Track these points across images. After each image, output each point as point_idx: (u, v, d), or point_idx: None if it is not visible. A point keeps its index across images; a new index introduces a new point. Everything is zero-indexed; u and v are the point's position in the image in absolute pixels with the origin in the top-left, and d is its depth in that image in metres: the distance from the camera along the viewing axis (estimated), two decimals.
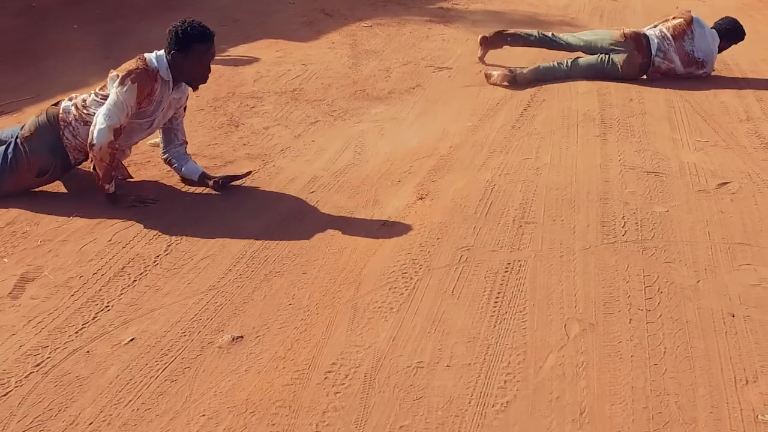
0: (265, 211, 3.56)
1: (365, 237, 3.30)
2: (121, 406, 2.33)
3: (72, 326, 2.72)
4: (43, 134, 3.58)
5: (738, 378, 2.46)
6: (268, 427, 2.22)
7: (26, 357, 2.56)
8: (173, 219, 3.45)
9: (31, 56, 6.11)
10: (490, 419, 2.25)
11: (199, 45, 3.45)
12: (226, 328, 2.69)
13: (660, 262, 3.12)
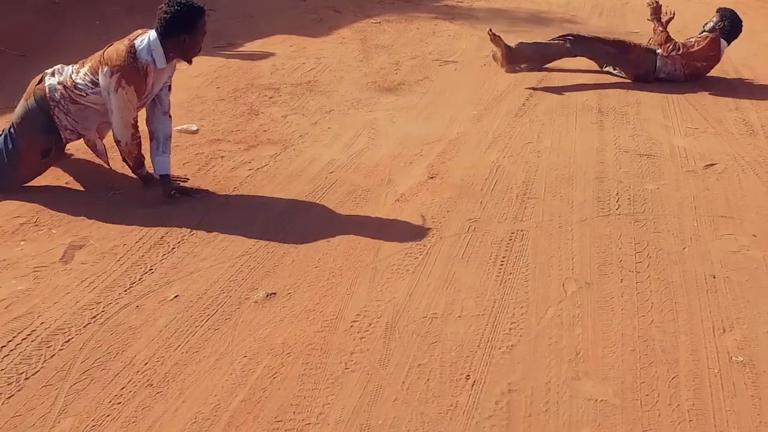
0: (289, 188, 3.88)
1: (382, 208, 3.63)
2: (171, 350, 2.66)
3: (120, 286, 3.04)
4: (35, 117, 3.64)
5: (716, 327, 2.79)
6: (302, 365, 2.55)
7: (83, 311, 2.88)
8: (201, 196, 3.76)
9: (54, 51, 6.43)
10: (497, 359, 2.58)
11: (200, 19, 3.50)
12: (259, 286, 3.02)
13: (650, 232, 3.44)
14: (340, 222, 3.52)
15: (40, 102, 3.63)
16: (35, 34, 6.88)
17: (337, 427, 2.27)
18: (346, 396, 2.40)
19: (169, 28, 3.45)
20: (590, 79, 5.64)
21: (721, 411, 2.36)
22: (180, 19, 3.43)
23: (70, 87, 3.59)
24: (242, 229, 3.47)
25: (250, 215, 3.59)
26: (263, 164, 4.20)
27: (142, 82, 3.51)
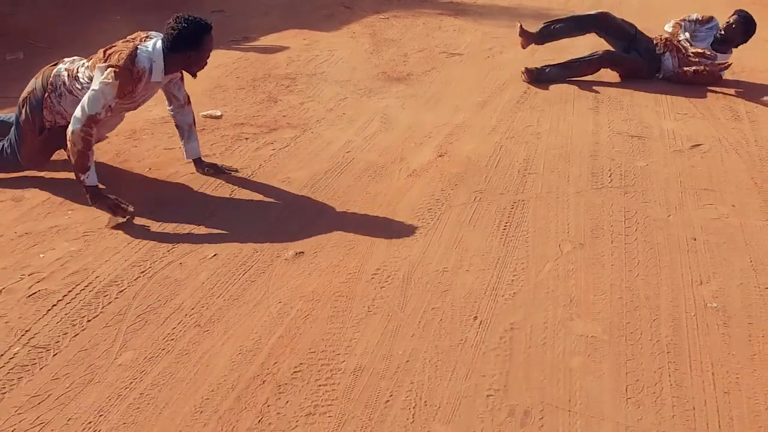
0: (310, 166, 4.26)
1: (396, 183, 4.01)
2: (214, 298, 3.04)
3: (164, 247, 3.42)
4: (38, 94, 3.71)
5: (694, 280, 3.16)
6: (331, 309, 2.93)
7: (132, 267, 3.26)
8: (231, 172, 4.14)
9: (78, 44, 6.80)
10: (501, 304, 2.96)
11: (207, 35, 3.54)
12: (289, 247, 3.40)
13: (638, 202, 3.82)
14: (358, 193, 3.90)
15: (44, 82, 3.70)
16: (61, 27, 7.26)
17: (363, 357, 2.65)
18: (370, 333, 2.78)
19: (176, 43, 3.49)
20: None
21: (695, 345, 2.74)
22: (187, 36, 3.48)
23: (72, 77, 3.63)
24: (269, 200, 3.85)
25: (275, 188, 3.97)
26: (284, 145, 4.57)
27: (129, 85, 3.49)
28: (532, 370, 2.59)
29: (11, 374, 2.59)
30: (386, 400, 2.44)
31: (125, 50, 3.49)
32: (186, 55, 3.54)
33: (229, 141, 4.62)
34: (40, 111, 3.72)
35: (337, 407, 2.41)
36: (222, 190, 3.92)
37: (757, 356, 2.68)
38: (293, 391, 2.48)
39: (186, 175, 4.09)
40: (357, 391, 2.48)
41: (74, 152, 3.49)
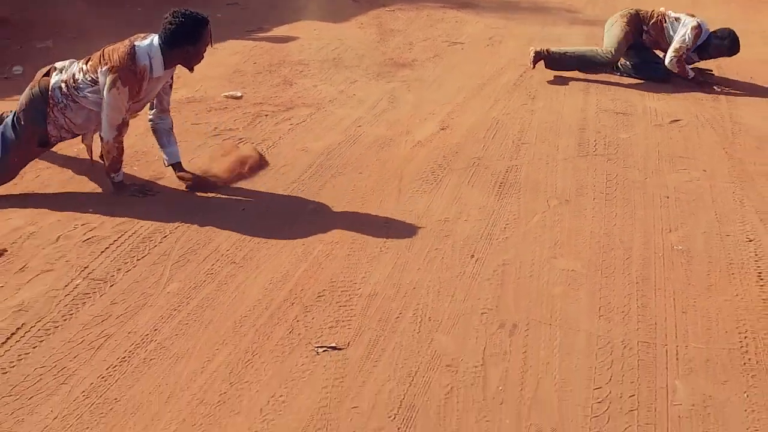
0: (325, 138, 4.73)
1: (403, 151, 4.48)
2: (246, 242, 3.50)
3: (197, 205, 3.89)
4: (38, 105, 3.68)
5: (664, 229, 3.63)
6: (348, 249, 3.40)
7: (172, 218, 3.73)
8: (256, 142, 4.61)
9: (102, 34, 7.28)
10: (495, 245, 3.44)
11: (204, 29, 3.57)
12: (308, 204, 3.87)
13: (619, 167, 4.30)
14: (368, 160, 4.37)
15: (43, 92, 3.67)
16: (87, 19, 7.74)
17: (376, 285, 3.13)
18: (382, 267, 3.26)
19: (173, 38, 3.52)
20: None
21: (660, 277, 3.21)
22: (185, 30, 3.50)
23: (72, 86, 3.63)
24: (290, 166, 4.32)
25: (295, 156, 4.44)
26: (301, 121, 5.05)
27: (137, 86, 3.58)
28: (520, 295, 3.06)
29: (76, 300, 3.06)
30: (396, 317, 2.91)
31: (122, 48, 3.54)
32: (184, 50, 3.56)
33: (250, 117, 5.09)
34: (43, 125, 3.70)
35: (355, 322, 2.88)
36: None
37: (714, 286, 3.16)
38: (318, 310, 2.95)
39: (213, 146, 4.56)
40: (372, 310, 2.95)
41: (109, 157, 3.75)
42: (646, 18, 5.96)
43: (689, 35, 5.75)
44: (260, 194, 3.93)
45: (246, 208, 3.81)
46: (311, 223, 3.63)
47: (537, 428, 2.35)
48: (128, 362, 2.67)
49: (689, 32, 5.75)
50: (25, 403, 2.48)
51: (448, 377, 2.57)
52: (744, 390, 2.54)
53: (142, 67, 3.55)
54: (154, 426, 2.38)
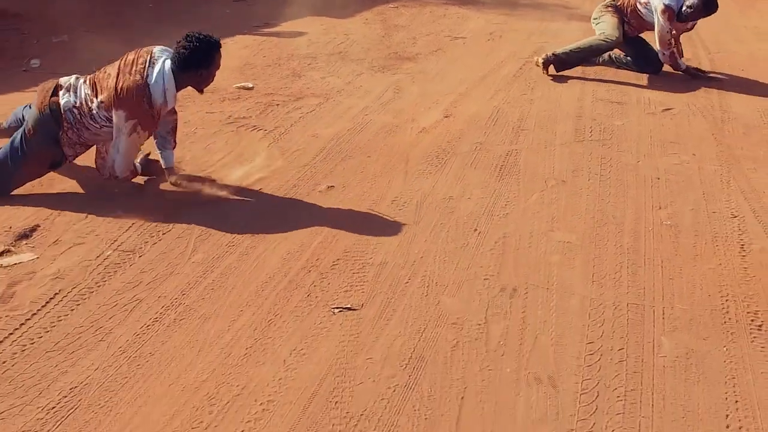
0: (334, 125, 4.98)
1: (409, 137, 4.74)
2: (262, 219, 3.74)
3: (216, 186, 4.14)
4: (49, 129, 3.66)
5: (654, 206, 3.89)
6: (361, 223, 3.65)
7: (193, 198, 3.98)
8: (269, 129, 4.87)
9: (119, 28, 7.56)
10: (496, 220, 3.69)
11: (217, 53, 3.63)
12: (321, 183, 4.12)
13: (613, 151, 4.55)
14: (376, 145, 4.63)
15: (55, 115, 3.65)
16: (100, 13, 8.00)
17: (387, 255, 3.39)
18: (391, 239, 3.51)
19: (187, 63, 3.55)
20: None
21: (649, 248, 3.47)
22: (199, 55, 3.54)
23: (86, 115, 3.63)
24: (303, 150, 4.57)
25: (307, 142, 4.70)
26: (311, 110, 5.30)
27: (155, 124, 3.68)
28: (520, 263, 3.32)
29: (108, 269, 3.32)
30: (405, 282, 3.17)
31: (135, 88, 3.51)
32: (197, 73, 3.61)
33: (262, 106, 5.35)
34: (57, 148, 3.71)
35: (368, 286, 3.14)
36: (262, 142, 4.65)
37: (699, 256, 3.41)
38: (333, 277, 3.21)
39: (228, 133, 4.82)
40: (383, 276, 3.21)
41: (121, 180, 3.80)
42: (624, 8, 6.08)
43: (662, 21, 5.78)
44: (275, 175, 4.18)
45: (262, 188, 4.05)
46: (324, 200, 3.88)
47: (535, 376, 2.61)
48: (160, 322, 2.93)
49: (661, 18, 5.78)
50: (68, 357, 2.74)
51: (453, 333, 2.83)
52: (724, 345, 2.80)
53: (158, 107, 3.59)
54: (187, 374, 2.63)
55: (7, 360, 2.72)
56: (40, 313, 2.98)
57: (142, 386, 2.58)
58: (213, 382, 2.60)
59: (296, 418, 2.40)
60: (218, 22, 8.08)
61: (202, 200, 3.86)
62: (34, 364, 2.70)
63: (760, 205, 3.89)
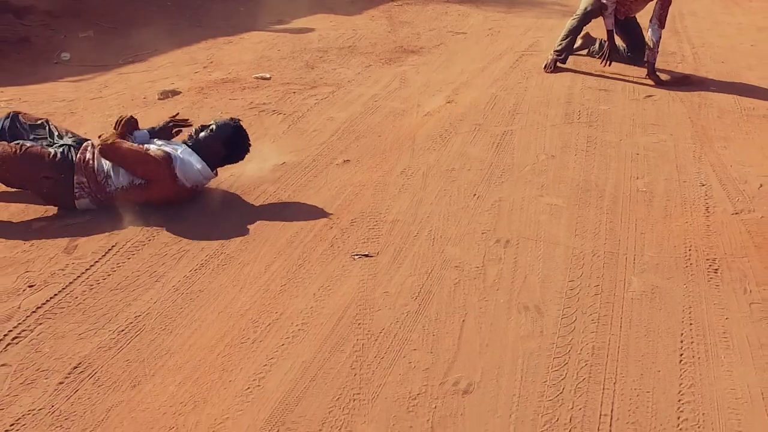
0: (347, 110, 5.51)
1: (415, 120, 5.28)
2: (289, 187, 4.26)
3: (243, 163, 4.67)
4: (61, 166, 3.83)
5: (633, 176, 4.42)
6: (373, 190, 4.18)
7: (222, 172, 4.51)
8: (287, 113, 5.40)
9: (139, 24, 8.08)
10: (492, 187, 4.23)
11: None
12: (338, 157, 4.66)
13: (598, 131, 5.09)
14: (386, 127, 5.16)
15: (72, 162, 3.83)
16: (121, 10, 8.54)
17: (397, 214, 3.91)
18: (401, 202, 4.04)
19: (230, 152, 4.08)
20: None
21: (626, 210, 4.00)
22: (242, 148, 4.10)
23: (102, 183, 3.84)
24: (319, 131, 5.10)
25: (323, 124, 5.23)
26: (325, 96, 5.84)
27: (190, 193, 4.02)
28: (513, 221, 3.85)
29: (155, 228, 3.84)
30: (414, 235, 3.70)
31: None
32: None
33: (280, 94, 5.88)
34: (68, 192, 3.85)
35: (382, 238, 3.67)
36: (282, 124, 5.19)
37: (668, 216, 3.95)
38: (352, 231, 3.74)
39: (251, 117, 5.35)
40: (395, 231, 3.74)
41: None
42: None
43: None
44: (296, 150, 4.71)
45: (285, 162, 4.58)
46: (341, 172, 4.41)
47: (524, 305, 3.14)
48: (205, 267, 3.46)
49: None
50: (130, 294, 3.27)
51: (456, 274, 3.36)
52: (684, 284, 3.33)
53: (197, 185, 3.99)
54: (232, 306, 3.17)
55: (78, 296, 3.24)
56: (102, 261, 3.51)
57: (195, 314, 3.11)
58: (255, 310, 3.13)
59: (326, 335, 2.94)
60: (233, 19, 8.63)
61: (239, 165, 4.36)
62: (102, 299, 3.22)
63: (727, 176, 4.41)
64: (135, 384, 2.70)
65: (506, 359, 2.77)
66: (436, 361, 2.77)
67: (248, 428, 2.46)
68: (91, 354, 2.86)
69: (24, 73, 6.76)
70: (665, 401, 2.58)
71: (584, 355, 2.79)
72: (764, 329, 2.98)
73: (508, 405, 2.55)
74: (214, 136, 3.97)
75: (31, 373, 2.76)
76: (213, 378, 2.70)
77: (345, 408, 2.54)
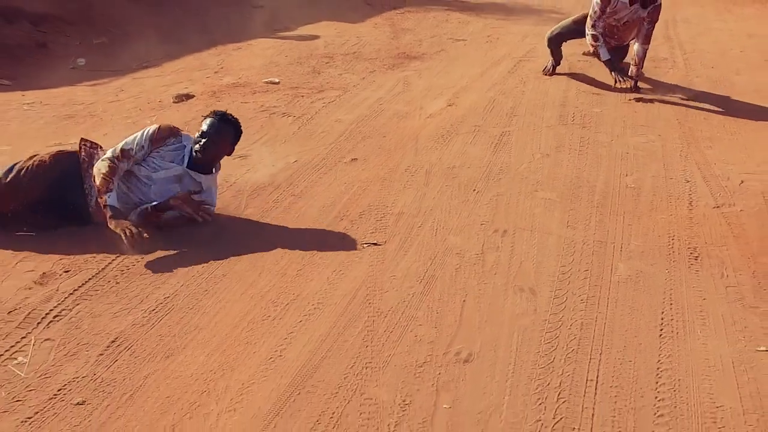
0: (353, 112, 5.82)
1: (418, 122, 5.59)
2: (300, 182, 4.57)
3: (256, 157, 4.99)
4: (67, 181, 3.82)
5: (622, 173, 4.73)
6: (379, 185, 4.48)
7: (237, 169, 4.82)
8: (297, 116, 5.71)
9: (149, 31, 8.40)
10: (491, 183, 4.53)
11: None
12: (346, 156, 4.97)
13: (591, 132, 5.40)
14: (390, 128, 5.47)
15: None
16: (132, 17, 8.87)
17: (403, 207, 4.22)
18: (406, 197, 4.35)
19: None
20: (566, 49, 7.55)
21: (615, 203, 4.30)
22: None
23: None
24: (328, 132, 5.42)
25: (331, 125, 5.54)
26: (332, 100, 6.16)
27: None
28: (510, 213, 4.16)
29: None
30: (419, 226, 4.01)
31: None
32: None
33: (289, 97, 6.21)
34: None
35: (389, 228, 3.98)
36: (292, 126, 5.50)
37: (654, 209, 4.26)
38: (361, 223, 4.05)
39: (262, 119, 5.67)
40: (401, 222, 4.05)
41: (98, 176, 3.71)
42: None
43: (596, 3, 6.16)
44: (306, 150, 5.02)
45: (297, 159, 4.90)
46: (349, 169, 4.73)
47: (519, 287, 3.45)
48: (226, 253, 3.77)
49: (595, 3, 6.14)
50: (158, 278, 3.57)
51: (457, 260, 3.67)
52: (666, 269, 3.64)
53: None
54: (253, 288, 3.47)
55: (111, 280, 3.55)
56: None
57: (219, 295, 3.42)
58: (274, 292, 3.43)
59: (340, 313, 3.24)
60: (241, 26, 8.97)
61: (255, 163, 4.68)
62: (133, 282, 3.53)
63: (710, 173, 4.73)
64: (168, 355, 3.00)
65: (503, 333, 3.08)
66: (439, 335, 3.07)
67: (272, 391, 2.76)
68: (126, 330, 3.16)
69: (43, 77, 7.08)
70: (645, 369, 2.88)
71: (573, 330, 3.10)
72: (738, 309, 3.28)
73: (505, 372, 2.85)
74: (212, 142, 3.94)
75: (73, 346, 3.06)
76: (238, 350, 3.01)
77: (358, 374, 2.84)
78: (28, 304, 3.30)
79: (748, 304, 3.29)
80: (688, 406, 2.67)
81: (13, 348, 3.03)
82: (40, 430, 2.60)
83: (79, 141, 3.95)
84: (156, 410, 2.68)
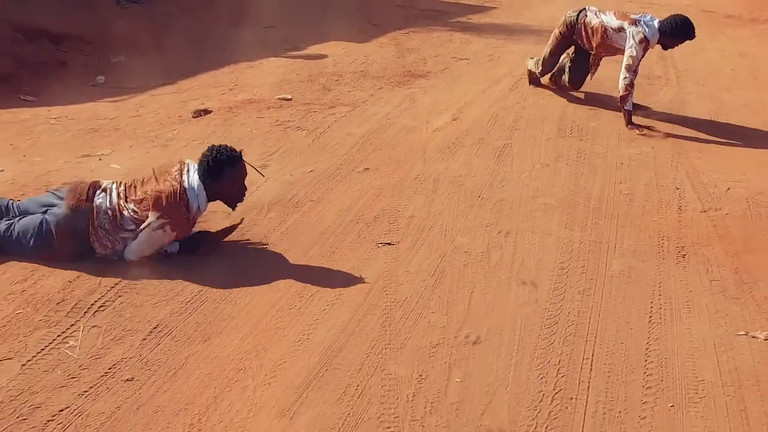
0: (363, 126, 6.17)
1: (425, 135, 5.96)
2: (318, 189, 4.91)
3: (277, 166, 5.35)
4: (79, 226, 3.79)
5: (616, 181, 5.07)
6: (391, 192, 4.84)
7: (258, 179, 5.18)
8: (310, 129, 6.07)
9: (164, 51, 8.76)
10: (495, 190, 4.89)
11: (230, 168, 3.77)
12: (359, 165, 5.33)
13: (588, 144, 5.77)
14: (399, 140, 5.83)
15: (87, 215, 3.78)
16: (148, 37, 9.24)
17: (414, 211, 4.57)
18: (416, 202, 4.70)
19: (202, 171, 3.78)
20: None
21: (609, 208, 4.65)
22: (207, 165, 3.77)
23: (119, 219, 3.78)
24: (340, 145, 5.76)
25: (343, 138, 5.90)
26: (343, 115, 6.52)
27: (188, 228, 3.90)
28: (512, 216, 4.51)
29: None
30: (429, 227, 4.36)
31: (172, 194, 3.72)
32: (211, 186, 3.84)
33: (302, 112, 6.57)
34: (83, 242, 3.81)
35: (401, 230, 4.32)
36: (306, 138, 5.86)
37: (646, 213, 4.60)
38: (375, 225, 4.40)
39: (277, 132, 6.03)
40: (412, 225, 4.40)
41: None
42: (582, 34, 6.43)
43: (637, 48, 5.98)
44: (322, 160, 5.37)
45: (313, 169, 5.25)
46: (362, 178, 5.08)
47: (522, 280, 3.80)
48: (252, 253, 4.11)
49: (636, 46, 5.98)
50: (190, 274, 3.90)
51: (464, 257, 4.02)
52: (656, 265, 3.99)
53: (194, 213, 3.83)
54: (279, 283, 3.81)
55: (146, 275, 3.89)
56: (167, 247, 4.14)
57: (248, 288, 3.75)
58: (298, 286, 3.77)
59: (360, 302, 3.59)
60: (252, 46, 9.35)
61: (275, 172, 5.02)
62: (166, 278, 3.87)
63: (699, 181, 5.08)
64: (205, 339, 3.34)
65: (507, 320, 3.42)
66: (450, 321, 3.42)
67: (302, 368, 3.10)
68: (165, 318, 3.50)
69: (65, 93, 7.44)
70: (635, 349, 3.22)
71: (571, 317, 3.44)
72: (720, 299, 3.63)
73: (510, 352, 3.19)
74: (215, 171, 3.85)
75: (119, 332, 3.40)
76: (269, 334, 3.35)
77: (379, 354, 3.18)
78: (74, 296, 3.64)
79: (730, 296, 3.63)
80: (673, 379, 3.01)
81: (64, 334, 3.36)
82: (95, 401, 2.93)
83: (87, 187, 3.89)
84: (198, 385, 3.01)
